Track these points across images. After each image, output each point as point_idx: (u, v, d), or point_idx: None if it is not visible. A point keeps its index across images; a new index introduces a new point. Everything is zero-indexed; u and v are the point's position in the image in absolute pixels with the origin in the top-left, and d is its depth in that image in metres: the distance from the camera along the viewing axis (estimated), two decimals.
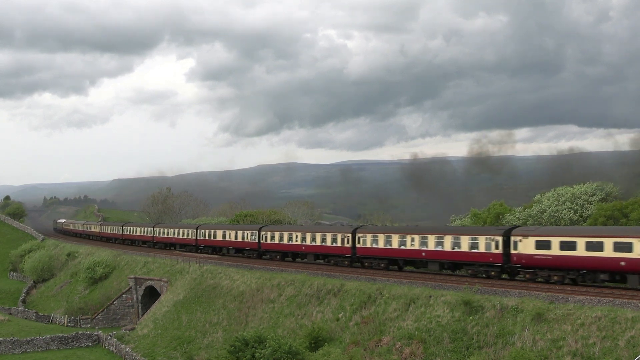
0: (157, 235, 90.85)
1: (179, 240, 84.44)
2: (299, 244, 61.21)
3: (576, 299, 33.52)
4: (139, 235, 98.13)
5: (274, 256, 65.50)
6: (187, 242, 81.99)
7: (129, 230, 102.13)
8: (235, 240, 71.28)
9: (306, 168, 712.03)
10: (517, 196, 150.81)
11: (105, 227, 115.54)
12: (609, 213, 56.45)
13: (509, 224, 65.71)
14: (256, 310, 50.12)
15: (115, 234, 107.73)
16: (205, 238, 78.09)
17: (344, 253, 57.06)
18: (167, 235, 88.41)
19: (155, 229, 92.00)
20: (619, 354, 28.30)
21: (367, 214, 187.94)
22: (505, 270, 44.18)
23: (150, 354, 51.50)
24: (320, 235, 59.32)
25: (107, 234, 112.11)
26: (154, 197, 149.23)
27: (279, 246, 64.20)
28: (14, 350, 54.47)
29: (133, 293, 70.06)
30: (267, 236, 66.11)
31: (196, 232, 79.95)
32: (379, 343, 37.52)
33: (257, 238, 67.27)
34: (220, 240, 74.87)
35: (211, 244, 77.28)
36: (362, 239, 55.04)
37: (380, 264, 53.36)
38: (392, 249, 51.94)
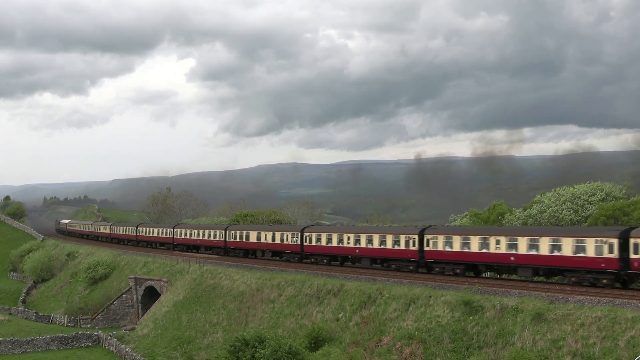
0: (177, 237, 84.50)
1: (204, 242, 77.88)
2: (351, 247, 54.84)
3: (576, 299, 33.51)
4: (156, 236, 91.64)
5: (319, 260, 59.50)
6: (215, 244, 75.36)
7: (145, 231, 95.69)
8: (273, 243, 65.10)
9: (307, 168, 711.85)
10: (523, 196, 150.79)
11: (117, 228, 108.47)
12: (610, 213, 56.42)
13: (509, 224, 65.74)
14: (256, 311, 50.12)
15: (128, 235, 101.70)
16: (236, 240, 71.56)
17: (408, 257, 51.08)
18: (190, 237, 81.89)
19: (175, 230, 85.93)
20: (619, 354, 28.29)
21: (368, 214, 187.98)
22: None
23: (150, 354, 51.51)
24: (378, 237, 52.90)
25: (119, 235, 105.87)
26: (154, 197, 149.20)
27: (326, 249, 57.81)
28: (14, 350, 54.48)
29: (133, 293, 70.06)
30: (312, 238, 59.91)
31: (225, 234, 73.51)
32: (379, 343, 37.52)
33: (299, 240, 61.15)
34: (255, 242, 68.09)
35: (243, 247, 70.58)
36: (432, 241, 49.26)
37: (456, 269, 47.56)
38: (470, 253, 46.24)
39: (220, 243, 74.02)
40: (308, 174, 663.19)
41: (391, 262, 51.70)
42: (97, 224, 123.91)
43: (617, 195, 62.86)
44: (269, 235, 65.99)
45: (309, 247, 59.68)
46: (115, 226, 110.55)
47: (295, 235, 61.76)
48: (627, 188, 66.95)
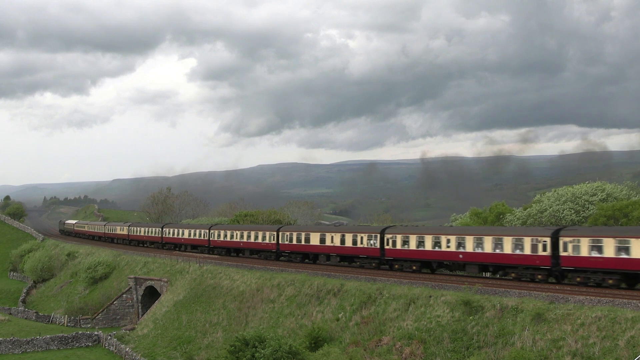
0: (214, 239, 76.46)
1: (250, 244, 69.73)
2: (453, 251, 47.59)
3: (576, 299, 33.50)
4: (187, 238, 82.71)
5: (406, 266, 51.16)
6: (264, 247, 67.06)
7: (173, 232, 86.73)
8: (342, 246, 56.93)
9: (307, 168, 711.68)
10: (532, 195, 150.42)
11: (136, 229, 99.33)
12: (610, 213, 56.43)
13: (510, 223, 65.81)
14: (256, 310, 50.11)
15: (151, 237, 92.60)
16: (292, 242, 63.33)
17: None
18: (230, 239, 73.37)
19: (212, 232, 77.60)
20: (619, 354, 28.27)
21: (368, 214, 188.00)
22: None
23: (150, 354, 51.50)
24: (491, 240, 45.05)
25: (139, 237, 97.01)
26: (154, 197, 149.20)
27: (417, 253, 50.01)
28: (14, 350, 54.48)
29: (133, 293, 70.05)
30: (397, 240, 51.80)
31: (277, 236, 65.44)
32: (379, 343, 37.51)
33: (378, 242, 53.50)
34: (317, 245, 59.94)
35: (301, 250, 62.33)
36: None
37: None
38: None
39: (272, 246, 66.06)
40: (308, 174, 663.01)
41: (509, 269, 47.32)
42: (112, 225, 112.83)
43: (618, 196, 62.87)
44: (337, 238, 58.17)
45: (394, 252, 52.85)
46: (134, 227, 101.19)
47: (373, 237, 55.56)
48: (627, 188, 66.92)
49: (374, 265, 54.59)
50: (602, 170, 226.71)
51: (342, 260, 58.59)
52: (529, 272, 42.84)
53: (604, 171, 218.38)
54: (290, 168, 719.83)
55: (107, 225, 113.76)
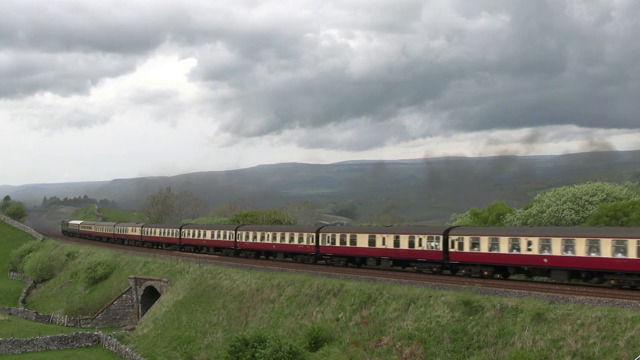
0: (242, 240, 70.08)
1: (283, 246, 63.65)
2: (536, 255, 42.85)
3: (576, 299, 33.49)
4: (210, 240, 76.55)
5: (475, 271, 46.68)
6: (301, 249, 61.34)
7: (193, 233, 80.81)
8: (396, 249, 51.87)
9: (307, 168, 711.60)
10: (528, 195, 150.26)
11: (150, 230, 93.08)
12: (611, 213, 56.42)
13: (510, 223, 65.85)
14: (256, 311, 50.10)
15: (169, 238, 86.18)
16: (334, 244, 57.37)
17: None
18: (260, 240, 67.03)
19: (239, 233, 70.98)
20: (619, 354, 28.27)
21: (368, 214, 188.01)
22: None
23: (150, 354, 51.50)
24: (585, 242, 39.79)
25: (154, 239, 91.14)
26: (154, 197, 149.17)
27: (489, 257, 45.46)
28: (14, 350, 54.48)
29: (133, 293, 70.05)
30: (464, 242, 46.92)
31: (317, 237, 59.29)
32: (379, 343, 37.51)
33: (441, 245, 48.83)
34: (365, 247, 54.39)
35: (345, 253, 56.65)
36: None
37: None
38: None
39: (310, 248, 60.61)
40: (308, 174, 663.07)
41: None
42: (122, 226, 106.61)
43: (618, 196, 62.87)
44: (390, 240, 53.30)
45: (461, 255, 48.08)
46: (147, 228, 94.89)
47: (435, 238, 50.34)
48: (627, 189, 66.92)
49: (434, 270, 48.60)
50: (602, 171, 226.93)
51: (396, 264, 53.16)
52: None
53: (604, 171, 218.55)
54: (290, 168, 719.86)
55: (117, 225, 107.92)
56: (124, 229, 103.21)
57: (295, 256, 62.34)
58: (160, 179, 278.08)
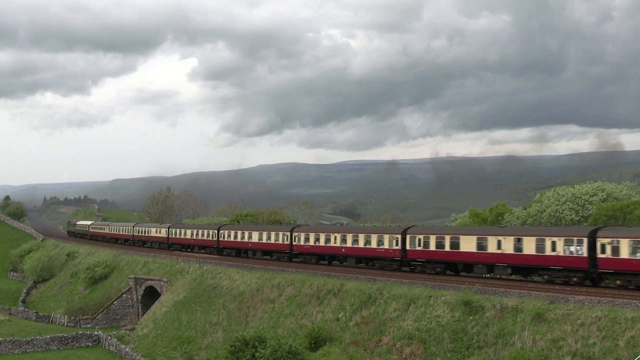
0: (299, 243, 61.72)
1: (354, 250, 55.69)
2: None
3: (576, 299, 33.50)
4: (256, 242, 67.34)
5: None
6: (380, 253, 53.16)
7: (235, 235, 71.60)
8: (518, 254, 43.39)
9: (307, 168, 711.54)
10: (528, 195, 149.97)
11: (180, 232, 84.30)
12: (611, 213, 56.41)
13: (509, 223, 65.84)
14: (256, 310, 50.11)
15: (204, 240, 77.51)
16: (427, 248, 49.66)
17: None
18: (323, 243, 58.81)
19: (295, 234, 62.62)
20: (619, 354, 28.27)
21: (368, 214, 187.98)
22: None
23: (150, 354, 51.50)
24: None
25: (184, 241, 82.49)
26: (154, 197, 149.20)
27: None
28: (14, 350, 54.47)
29: (133, 293, 70.06)
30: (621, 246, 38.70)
31: (402, 240, 51.24)
32: (379, 343, 37.51)
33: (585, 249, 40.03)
34: (472, 252, 46.31)
35: (443, 258, 48.80)
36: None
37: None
38: None
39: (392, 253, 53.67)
40: (308, 174, 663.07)
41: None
42: (143, 226, 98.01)
43: (618, 196, 62.86)
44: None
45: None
46: (175, 229, 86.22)
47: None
48: (627, 188, 66.91)
49: (575, 279, 41.19)
50: (601, 171, 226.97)
51: (516, 271, 44.75)
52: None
53: (604, 171, 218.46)
54: (290, 168, 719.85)
55: (137, 226, 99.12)
56: (145, 230, 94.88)
57: (372, 261, 54.84)
58: (160, 179, 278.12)
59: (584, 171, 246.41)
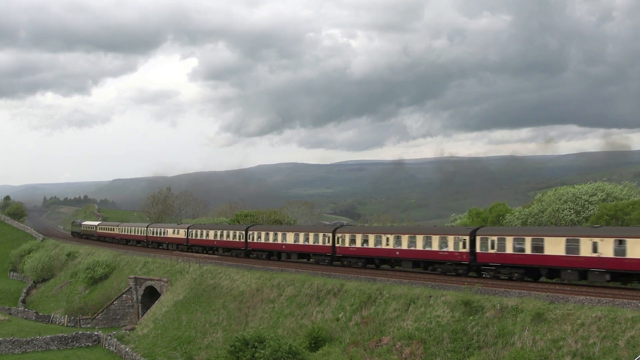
0: (343, 245, 56.59)
1: (412, 253, 50.41)
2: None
3: (576, 299, 33.48)
4: (293, 244, 62.21)
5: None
6: (444, 256, 48.13)
7: (267, 236, 66.11)
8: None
9: (307, 168, 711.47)
10: (528, 195, 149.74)
11: (201, 233, 78.35)
12: (611, 213, 56.43)
13: (509, 223, 65.88)
14: (256, 310, 50.10)
15: (230, 242, 71.67)
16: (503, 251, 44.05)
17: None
18: (374, 246, 53.26)
19: (338, 235, 57.22)
20: (619, 354, 28.26)
21: (368, 214, 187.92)
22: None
23: (150, 354, 51.49)
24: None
25: (206, 242, 76.78)
26: (154, 197, 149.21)
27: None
28: (14, 350, 54.45)
29: (133, 293, 70.05)
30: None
31: (471, 241, 46.32)
32: (379, 343, 37.50)
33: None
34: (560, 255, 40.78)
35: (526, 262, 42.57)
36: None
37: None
38: None
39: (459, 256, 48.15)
40: (308, 174, 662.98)
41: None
42: (159, 227, 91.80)
43: (618, 196, 62.88)
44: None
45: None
46: (196, 230, 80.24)
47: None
48: (627, 188, 66.92)
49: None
50: (601, 171, 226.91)
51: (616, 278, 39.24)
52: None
53: (604, 171, 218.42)
54: (290, 168, 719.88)
55: (152, 227, 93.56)
56: (162, 230, 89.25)
57: (433, 265, 49.98)
58: (160, 179, 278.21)
59: (586, 171, 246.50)
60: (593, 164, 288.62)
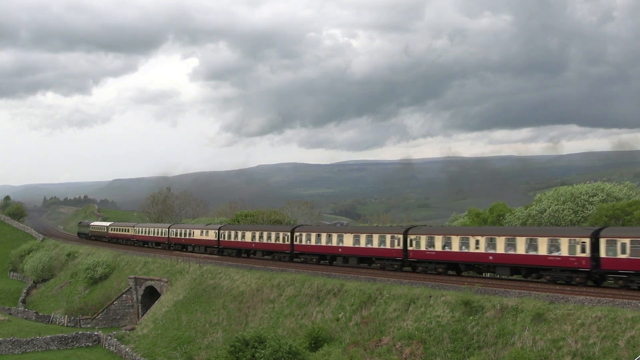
0: (417, 248, 49.55)
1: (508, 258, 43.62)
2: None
3: (576, 299, 33.47)
4: (354, 247, 55.18)
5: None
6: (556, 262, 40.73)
7: (319, 238, 58.63)
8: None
9: (307, 168, 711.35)
10: (528, 196, 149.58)
11: (235, 234, 70.93)
12: (611, 213, 56.40)
13: (510, 224, 65.87)
14: (256, 311, 50.09)
15: (271, 244, 64.57)
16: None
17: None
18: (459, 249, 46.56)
19: (411, 237, 50.16)
20: (619, 354, 28.25)
21: (368, 214, 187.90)
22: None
23: (150, 354, 51.50)
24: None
25: (242, 245, 69.38)
26: (154, 197, 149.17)
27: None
28: (14, 350, 54.46)
29: (133, 293, 70.05)
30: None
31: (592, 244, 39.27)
32: (379, 343, 37.49)
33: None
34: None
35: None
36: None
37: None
38: None
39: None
40: (308, 174, 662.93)
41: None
42: (183, 228, 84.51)
43: (618, 196, 62.85)
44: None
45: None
46: (229, 231, 73.24)
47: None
48: (627, 188, 66.89)
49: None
50: (602, 171, 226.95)
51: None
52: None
53: (604, 171, 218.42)
54: (290, 168, 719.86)
55: (175, 227, 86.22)
56: (187, 232, 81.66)
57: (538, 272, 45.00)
58: (160, 179, 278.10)
59: (594, 170, 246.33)
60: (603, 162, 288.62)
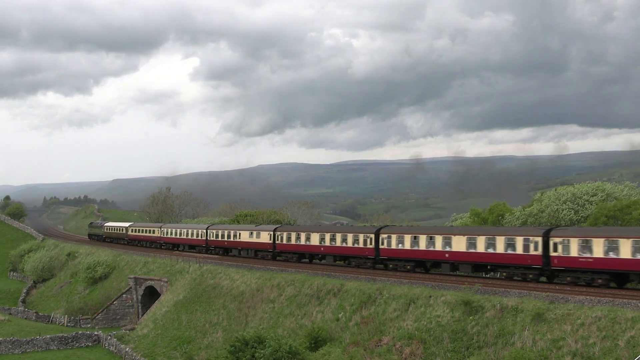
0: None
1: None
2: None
3: (576, 299, 33.46)
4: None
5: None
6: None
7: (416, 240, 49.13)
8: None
9: (307, 168, 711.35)
10: (528, 196, 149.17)
11: (296, 236, 61.42)
12: (611, 213, 56.34)
13: (509, 223, 65.85)
14: (256, 310, 50.10)
15: (343, 247, 55.89)
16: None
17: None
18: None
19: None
20: (619, 354, 28.25)
21: (368, 214, 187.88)
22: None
23: (150, 354, 51.50)
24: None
25: (307, 249, 60.11)
26: (154, 197, 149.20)
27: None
28: (14, 350, 54.48)
29: (133, 293, 70.05)
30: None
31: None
32: (379, 343, 37.49)
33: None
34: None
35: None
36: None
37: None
38: None
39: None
40: (308, 174, 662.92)
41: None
42: (227, 229, 75.06)
43: (618, 196, 62.80)
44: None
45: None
46: (284, 233, 63.75)
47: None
48: (627, 188, 66.85)
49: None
50: (602, 171, 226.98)
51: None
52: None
53: (604, 171, 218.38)
54: (290, 168, 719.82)
55: (214, 228, 76.66)
56: (231, 234, 72.12)
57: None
58: (160, 179, 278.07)
59: (603, 169, 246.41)
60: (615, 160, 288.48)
